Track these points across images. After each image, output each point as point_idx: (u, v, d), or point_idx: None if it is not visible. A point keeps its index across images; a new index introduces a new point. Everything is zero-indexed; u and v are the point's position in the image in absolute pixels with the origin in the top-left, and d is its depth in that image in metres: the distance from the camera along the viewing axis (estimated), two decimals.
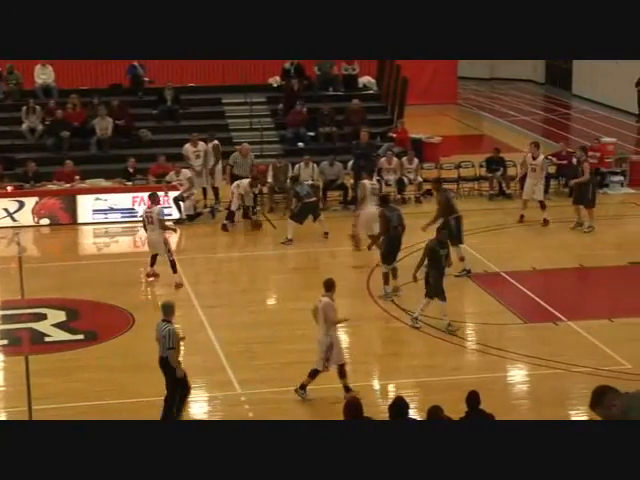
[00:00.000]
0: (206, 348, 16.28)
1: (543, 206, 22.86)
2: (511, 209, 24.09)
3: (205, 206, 23.91)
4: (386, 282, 18.40)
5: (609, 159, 26.21)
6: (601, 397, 8.09)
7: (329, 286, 14.53)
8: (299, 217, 21.74)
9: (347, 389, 14.36)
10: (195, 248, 21.91)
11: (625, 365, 15.40)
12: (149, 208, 19.61)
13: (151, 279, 19.48)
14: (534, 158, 23.06)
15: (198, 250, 21.79)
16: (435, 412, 10.85)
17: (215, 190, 24.26)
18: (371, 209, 20.18)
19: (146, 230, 19.51)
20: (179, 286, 18.91)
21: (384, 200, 19.48)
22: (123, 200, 23.30)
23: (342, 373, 14.48)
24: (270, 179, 24.07)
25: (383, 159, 25.03)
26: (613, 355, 15.87)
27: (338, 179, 24.45)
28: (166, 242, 19.28)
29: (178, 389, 13.68)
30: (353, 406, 10.56)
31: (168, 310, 13.90)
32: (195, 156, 24.19)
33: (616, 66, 29.08)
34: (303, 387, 14.47)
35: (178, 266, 19.10)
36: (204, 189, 24.30)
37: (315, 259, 21.34)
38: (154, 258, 19.41)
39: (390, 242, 18.44)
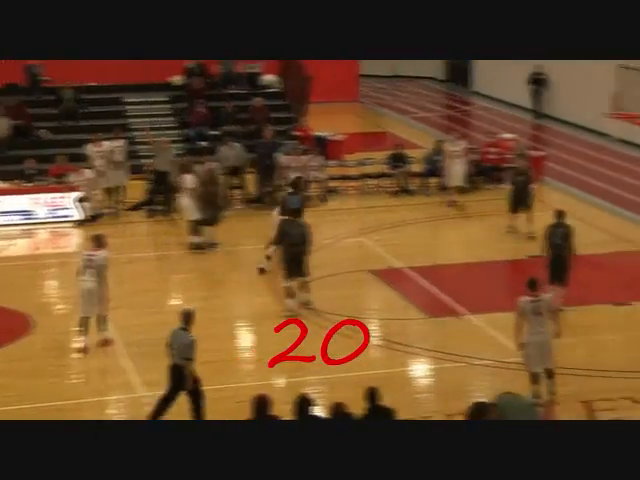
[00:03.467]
0: (110, 349, 16.09)
1: (462, 191, 23.41)
2: (414, 205, 24.35)
3: (109, 207, 23.69)
4: (288, 296, 17.70)
5: (509, 155, 26.60)
6: (482, 415, 8.35)
7: None
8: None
9: None
10: None
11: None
12: (92, 252, 16.30)
13: (81, 354, 15.93)
14: (454, 145, 23.71)
15: None
16: (338, 409, 10.90)
17: (123, 189, 24.03)
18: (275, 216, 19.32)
19: (80, 278, 16.16)
20: (106, 344, 16.33)
21: (291, 212, 18.49)
22: (21, 202, 22.92)
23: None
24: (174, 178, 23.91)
25: (288, 158, 25.04)
26: (513, 347, 16.08)
27: (241, 166, 24.33)
28: (105, 298, 16.20)
29: (176, 396, 13.27)
30: (260, 403, 10.53)
31: (188, 318, 13.29)
32: (99, 156, 23.86)
33: (512, 64, 29.53)
34: None
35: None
36: (108, 189, 24.02)
37: (222, 259, 21.25)
38: (85, 323, 16.04)
39: (286, 257, 17.62)
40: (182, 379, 13.20)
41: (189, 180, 21.29)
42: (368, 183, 25.65)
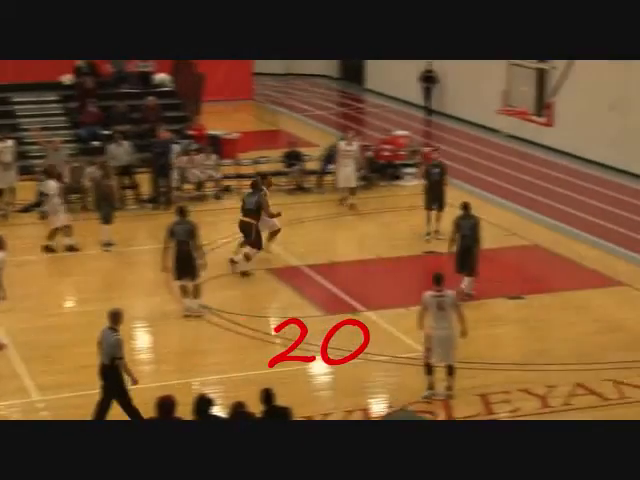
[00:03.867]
0: (2, 353, 15.79)
1: (354, 192, 23.59)
2: (310, 203, 24.44)
3: None
4: (184, 296, 17.57)
5: (402, 152, 26.90)
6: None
7: None
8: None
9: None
10: None
11: (421, 351, 15.81)
12: None
13: None
14: (348, 145, 23.73)
15: None
16: (238, 408, 10.88)
17: (13, 190, 23.60)
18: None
19: None
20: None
21: (246, 213, 19.21)
22: None
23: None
24: (67, 179, 23.55)
25: (183, 157, 24.89)
26: (410, 343, 16.30)
27: (130, 165, 24.04)
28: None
29: (115, 395, 13.18)
30: (165, 405, 10.44)
31: (115, 318, 13.33)
32: None
33: (404, 62, 29.85)
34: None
35: None
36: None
37: (115, 260, 21.01)
38: None
39: (175, 256, 17.41)
40: (112, 379, 13.15)
41: (51, 186, 20.91)
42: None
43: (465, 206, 18.32)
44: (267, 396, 11.41)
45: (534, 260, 20.77)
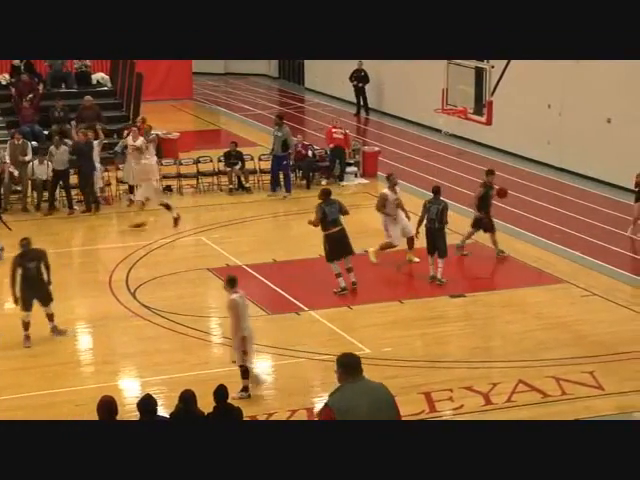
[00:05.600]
0: None
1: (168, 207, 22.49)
2: (251, 202, 24.38)
3: None
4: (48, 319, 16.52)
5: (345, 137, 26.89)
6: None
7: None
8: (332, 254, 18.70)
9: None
10: None
11: (364, 350, 15.87)
12: None
13: None
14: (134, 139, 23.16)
15: None
16: (188, 398, 10.80)
17: None
18: None
19: None
20: None
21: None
22: None
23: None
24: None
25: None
26: (352, 341, 16.33)
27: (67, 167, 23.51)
28: None
29: None
30: (106, 405, 10.33)
31: None
32: None
33: (341, 61, 29.93)
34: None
35: None
36: None
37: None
38: None
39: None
40: None
41: None
42: (204, 181, 25.54)
43: (436, 190, 19.23)
44: (220, 392, 11.34)
45: (476, 258, 20.89)
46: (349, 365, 7.42)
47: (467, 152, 29.01)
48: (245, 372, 14.45)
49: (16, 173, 23.21)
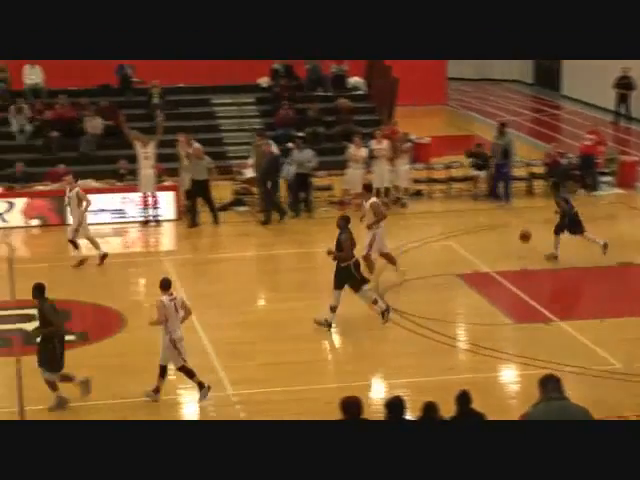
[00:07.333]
0: (197, 349, 16.25)
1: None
2: (493, 210, 24.14)
3: None
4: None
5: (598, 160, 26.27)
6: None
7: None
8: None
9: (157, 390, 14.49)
10: (187, 249, 22.07)
11: (614, 364, 15.44)
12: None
13: None
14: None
15: (189, 251, 21.94)
16: (431, 408, 10.76)
17: None
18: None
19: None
20: None
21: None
22: (112, 201, 23.30)
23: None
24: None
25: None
26: (604, 355, 15.91)
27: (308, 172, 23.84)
28: None
29: None
30: (352, 405, 10.37)
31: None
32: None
33: (602, 66, 29.09)
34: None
35: None
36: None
37: (307, 260, 21.33)
38: None
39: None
40: None
41: None
42: (454, 187, 25.51)
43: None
44: (463, 397, 11.20)
45: None
46: (545, 385, 8.77)
47: None
48: (189, 372, 14.47)
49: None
